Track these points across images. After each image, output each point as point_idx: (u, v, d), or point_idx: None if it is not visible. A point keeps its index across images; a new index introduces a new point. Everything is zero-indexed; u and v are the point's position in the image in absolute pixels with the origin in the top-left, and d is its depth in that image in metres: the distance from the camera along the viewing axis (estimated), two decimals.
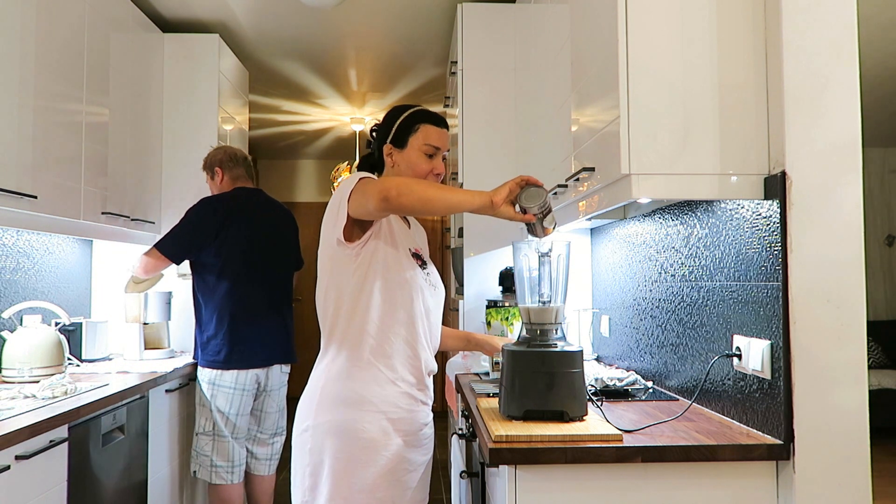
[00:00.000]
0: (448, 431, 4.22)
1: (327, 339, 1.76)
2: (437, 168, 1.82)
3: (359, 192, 1.63)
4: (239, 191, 2.92)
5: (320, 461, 1.69)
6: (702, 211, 1.92)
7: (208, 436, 2.72)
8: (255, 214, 2.88)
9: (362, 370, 1.70)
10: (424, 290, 1.79)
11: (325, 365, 1.75)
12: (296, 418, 1.77)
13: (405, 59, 4.30)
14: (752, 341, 1.65)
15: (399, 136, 1.82)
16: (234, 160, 2.97)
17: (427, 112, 1.85)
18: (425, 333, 1.79)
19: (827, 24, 1.54)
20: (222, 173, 2.96)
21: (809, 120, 1.54)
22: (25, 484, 1.76)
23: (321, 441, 1.69)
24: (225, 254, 2.75)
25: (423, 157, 1.80)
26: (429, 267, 1.87)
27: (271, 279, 2.86)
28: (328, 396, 1.70)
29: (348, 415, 1.68)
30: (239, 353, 2.72)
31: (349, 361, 1.71)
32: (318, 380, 1.74)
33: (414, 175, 1.79)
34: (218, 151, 3.02)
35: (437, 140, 1.81)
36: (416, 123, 1.81)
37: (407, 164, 1.81)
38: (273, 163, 7.33)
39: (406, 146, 1.81)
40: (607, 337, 2.82)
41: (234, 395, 2.71)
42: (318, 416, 1.70)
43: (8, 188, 2.11)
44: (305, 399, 1.76)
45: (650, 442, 1.54)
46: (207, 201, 2.85)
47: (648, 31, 1.60)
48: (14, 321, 2.62)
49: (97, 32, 2.77)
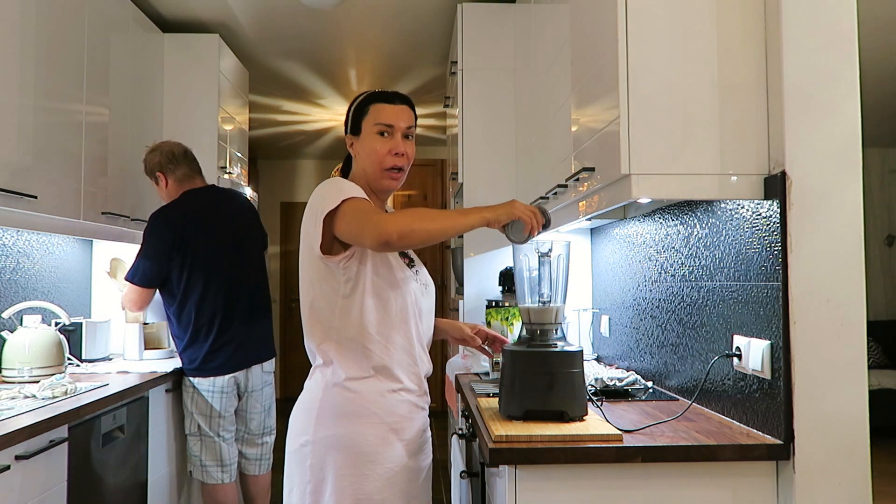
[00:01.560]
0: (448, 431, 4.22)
1: (320, 351, 1.69)
2: (395, 147, 1.72)
3: (352, 221, 1.57)
4: (188, 196, 2.77)
5: (322, 477, 1.63)
6: (702, 211, 1.92)
7: (195, 437, 2.72)
8: (210, 220, 2.74)
9: (362, 382, 1.65)
10: (416, 293, 1.74)
11: (321, 377, 1.68)
12: (290, 432, 1.71)
13: (405, 59, 4.30)
14: (752, 341, 1.65)
15: (355, 123, 1.76)
16: (173, 160, 2.78)
17: (377, 91, 1.77)
18: (420, 338, 1.75)
19: (827, 24, 1.54)
20: (165, 178, 2.78)
21: (809, 120, 1.54)
22: (25, 484, 1.76)
23: (322, 456, 1.63)
24: (188, 267, 2.66)
25: (378, 139, 1.71)
26: (417, 265, 1.82)
27: (240, 280, 2.76)
28: (328, 410, 1.65)
29: (350, 427, 1.63)
30: (213, 360, 2.68)
31: (347, 373, 1.65)
32: (315, 392, 1.68)
33: (373, 161, 1.72)
34: (154, 154, 2.81)
35: (389, 117, 1.72)
36: (366, 105, 1.75)
37: (365, 150, 1.73)
38: (273, 163, 7.33)
39: (361, 131, 1.75)
40: (607, 337, 2.82)
41: (213, 397, 2.69)
42: (317, 431, 1.64)
43: (8, 188, 2.11)
44: (302, 413, 1.69)
45: (650, 442, 1.54)
46: (158, 217, 2.69)
47: (648, 31, 1.60)
48: (14, 321, 2.62)
49: (97, 32, 2.77)
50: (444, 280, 6.18)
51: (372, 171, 1.74)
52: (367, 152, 1.73)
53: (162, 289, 2.74)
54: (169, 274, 2.68)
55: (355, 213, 1.57)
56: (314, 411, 1.66)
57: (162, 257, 2.66)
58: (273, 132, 6.13)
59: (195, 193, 2.80)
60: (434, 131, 6.11)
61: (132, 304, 2.74)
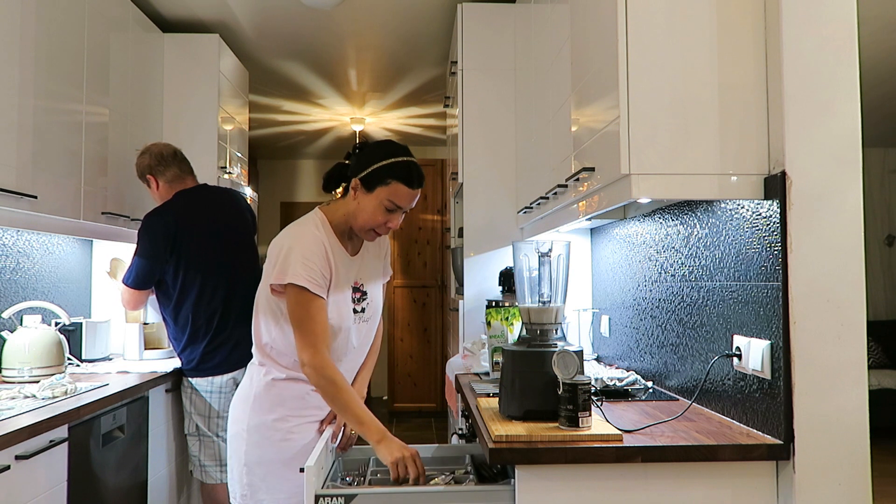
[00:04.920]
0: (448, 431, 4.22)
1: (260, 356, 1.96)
2: (391, 222, 1.86)
3: (294, 322, 1.79)
4: (180, 197, 2.74)
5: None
6: (702, 211, 1.92)
7: (194, 437, 2.71)
8: (202, 219, 2.73)
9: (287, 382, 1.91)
10: (351, 332, 1.92)
11: (257, 372, 1.96)
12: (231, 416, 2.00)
13: (405, 59, 4.30)
14: (752, 341, 1.65)
15: (370, 179, 1.83)
16: (162, 162, 2.76)
17: (405, 168, 1.83)
18: (346, 367, 1.95)
19: (827, 24, 1.54)
20: (155, 180, 2.76)
21: (809, 120, 1.54)
22: (25, 484, 1.76)
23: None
24: (182, 268, 2.65)
25: (383, 210, 1.84)
26: (368, 296, 1.96)
27: (236, 277, 2.74)
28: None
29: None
30: (211, 360, 2.66)
31: (279, 374, 1.92)
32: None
33: (366, 221, 1.85)
34: (143, 157, 2.79)
35: (404, 200, 1.84)
36: (389, 177, 1.82)
37: (366, 210, 1.85)
38: (273, 163, 7.33)
39: (372, 192, 1.83)
40: (607, 337, 2.82)
41: (211, 397, 2.68)
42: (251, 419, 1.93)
43: (8, 188, 2.11)
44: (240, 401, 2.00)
45: (650, 442, 1.54)
46: (152, 218, 2.67)
47: (648, 31, 1.60)
48: (14, 321, 2.62)
49: (97, 32, 2.77)
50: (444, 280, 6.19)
51: (360, 226, 1.89)
52: (367, 213, 1.85)
53: (157, 290, 2.72)
54: (163, 275, 2.67)
55: (299, 324, 1.79)
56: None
57: (155, 258, 2.63)
58: (273, 132, 6.13)
59: (187, 193, 2.78)
60: (434, 131, 6.11)
61: (127, 305, 2.74)
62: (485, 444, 1.57)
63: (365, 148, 1.88)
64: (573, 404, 1.57)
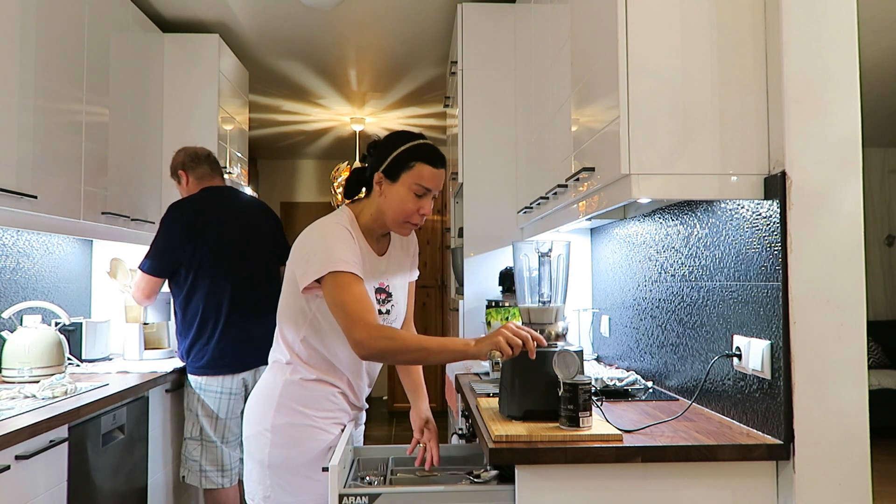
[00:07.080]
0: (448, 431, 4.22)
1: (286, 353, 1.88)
2: (423, 208, 1.80)
3: (337, 309, 1.67)
4: (205, 192, 2.83)
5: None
6: (702, 211, 1.92)
7: (196, 441, 2.69)
8: (223, 214, 2.78)
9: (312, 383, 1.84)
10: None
11: (280, 371, 1.88)
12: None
13: (405, 59, 4.30)
14: (752, 341, 1.65)
15: (393, 168, 1.78)
16: (195, 160, 2.88)
17: (426, 149, 1.80)
18: (369, 368, 1.91)
19: (827, 24, 1.54)
20: (186, 176, 2.87)
21: (809, 120, 1.54)
22: (25, 484, 1.76)
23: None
24: (198, 258, 2.67)
25: (412, 196, 1.77)
26: (393, 298, 1.90)
27: (249, 279, 2.76)
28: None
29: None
30: (222, 358, 2.66)
31: (304, 374, 1.85)
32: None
33: (398, 212, 1.79)
34: (178, 154, 2.93)
35: (431, 181, 1.78)
36: (412, 161, 1.77)
37: (395, 200, 1.78)
38: (273, 163, 7.33)
39: (397, 181, 1.78)
40: (607, 337, 2.82)
41: (220, 399, 2.67)
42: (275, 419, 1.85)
43: (8, 188, 2.11)
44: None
45: (650, 442, 1.54)
46: (175, 206, 2.77)
47: (648, 31, 1.60)
48: (14, 321, 2.62)
49: (97, 32, 2.77)
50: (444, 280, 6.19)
51: (392, 219, 1.81)
52: (397, 203, 1.79)
53: (170, 281, 2.75)
54: (178, 265, 2.69)
55: (342, 307, 1.66)
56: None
57: (172, 247, 2.68)
58: (273, 132, 6.13)
59: (212, 190, 2.86)
60: (434, 131, 6.11)
61: (139, 292, 2.74)
62: (485, 444, 1.57)
63: (380, 142, 1.85)
64: (574, 404, 1.57)
